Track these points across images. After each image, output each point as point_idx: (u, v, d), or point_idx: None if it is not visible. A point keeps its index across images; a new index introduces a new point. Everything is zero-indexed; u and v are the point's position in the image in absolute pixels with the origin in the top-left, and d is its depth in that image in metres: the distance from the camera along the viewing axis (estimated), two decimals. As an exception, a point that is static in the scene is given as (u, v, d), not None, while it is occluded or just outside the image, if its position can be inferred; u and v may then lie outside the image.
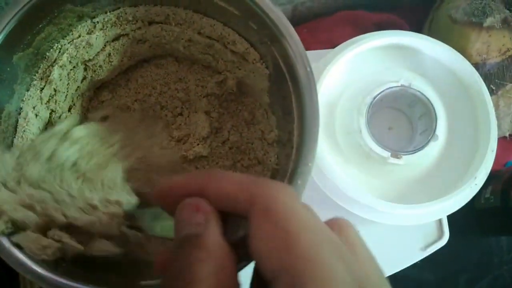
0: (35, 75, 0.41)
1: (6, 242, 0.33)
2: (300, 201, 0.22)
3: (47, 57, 0.41)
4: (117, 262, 0.35)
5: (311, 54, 0.57)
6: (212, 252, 0.22)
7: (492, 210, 0.62)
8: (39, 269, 0.33)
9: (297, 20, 0.66)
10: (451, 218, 0.55)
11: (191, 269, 0.21)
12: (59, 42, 0.42)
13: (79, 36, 0.43)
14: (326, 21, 0.65)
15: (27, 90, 0.41)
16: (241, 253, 0.23)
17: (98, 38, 0.43)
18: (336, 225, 0.24)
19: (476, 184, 0.49)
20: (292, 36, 0.35)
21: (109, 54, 0.45)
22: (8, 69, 0.39)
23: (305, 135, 0.35)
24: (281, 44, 0.36)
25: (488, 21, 0.53)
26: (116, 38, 0.45)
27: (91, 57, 0.44)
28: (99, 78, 0.46)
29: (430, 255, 0.55)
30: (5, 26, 0.36)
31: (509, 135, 0.59)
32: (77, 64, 0.43)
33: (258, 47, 0.40)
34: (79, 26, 0.42)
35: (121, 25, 0.44)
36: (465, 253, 0.67)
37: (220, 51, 0.43)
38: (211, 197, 0.23)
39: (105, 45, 0.45)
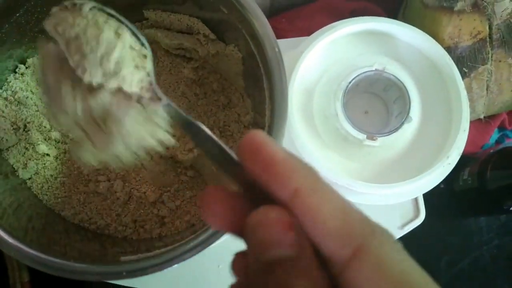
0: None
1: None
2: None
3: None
4: (98, 236, 0.36)
5: (288, 41, 0.59)
6: (313, 278, 0.19)
7: (470, 191, 0.63)
8: (25, 247, 0.34)
9: (276, 10, 0.67)
10: (431, 200, 0.57)
11: None
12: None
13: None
14: (304, 10, 0.66)
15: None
16: None
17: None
18: None
19: (449, 164, 0.51)
20: (259, 18, 0.36)
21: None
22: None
23: (275, 114, 0.36)
24: (250, 25, 0.37)
25: (459, 5, 0.55)
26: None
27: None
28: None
29: (411, 237, 0.57)
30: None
31: (484, 117, 0.61)
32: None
33: (230, 30, 0.41)
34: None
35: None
36: (446, 234, 0.68)
37: (191, 42, 0.45)
38: (298, 212, 0.19)
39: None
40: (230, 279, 0.52)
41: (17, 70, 0.43)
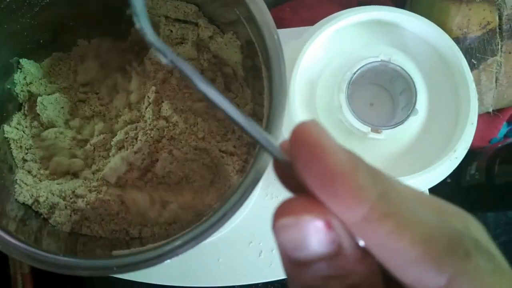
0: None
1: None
2: None
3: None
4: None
5: (292, 31, 0.58)
6: (358, 273, 0.17)
7: (478, 186, 0.61)
8: (22, 245, 0.33)
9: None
10: (437, 195, 0.55)
11: None
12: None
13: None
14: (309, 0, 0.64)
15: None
16: None
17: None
18: None
19: (456, 158, 0.49)
20: (257, 3, 0.35)
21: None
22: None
23: (273, 104, 0.34)
24: (248, 11, 0.35)
25: (468, -6, 0.53)
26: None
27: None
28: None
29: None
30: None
31: (493, 110, 0.59)
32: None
33: (228, 17, 0.40)
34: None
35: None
36: (452, 230, 0.67)
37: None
38: (366, 240, 0.17)
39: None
40: (230, 272, 0.50)
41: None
